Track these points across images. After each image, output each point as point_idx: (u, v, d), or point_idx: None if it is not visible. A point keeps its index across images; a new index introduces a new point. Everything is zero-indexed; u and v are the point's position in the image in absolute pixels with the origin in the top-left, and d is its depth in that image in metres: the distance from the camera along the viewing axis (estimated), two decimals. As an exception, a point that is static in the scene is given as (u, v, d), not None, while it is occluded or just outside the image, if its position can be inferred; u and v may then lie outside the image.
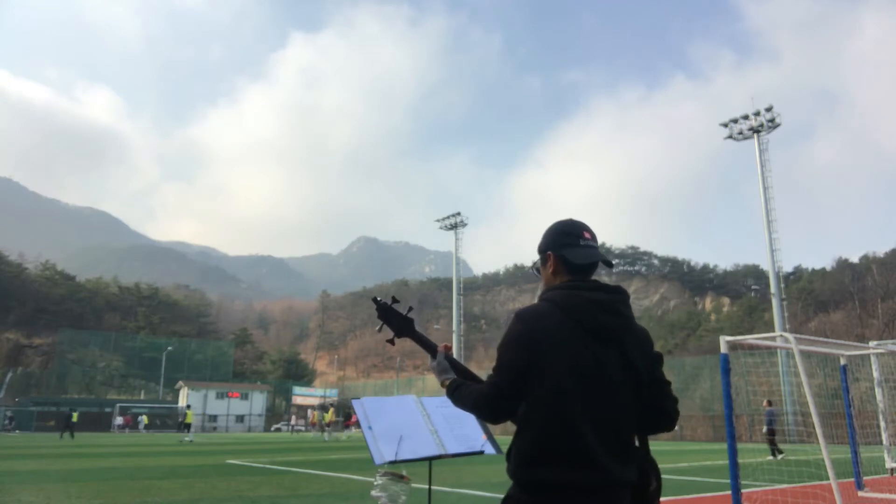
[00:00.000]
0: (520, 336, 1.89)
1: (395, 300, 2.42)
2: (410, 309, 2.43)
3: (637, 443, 1.96)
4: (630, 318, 1.98)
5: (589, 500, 1.77)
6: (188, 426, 34.57)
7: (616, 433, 1.84)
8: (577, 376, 1.83)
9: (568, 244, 2.03)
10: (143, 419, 56.86)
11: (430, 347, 2.29)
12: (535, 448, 1.82)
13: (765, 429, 20.20)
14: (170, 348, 73.68)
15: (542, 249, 2.10)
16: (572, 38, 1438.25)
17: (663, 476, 2.05)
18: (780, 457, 18.13)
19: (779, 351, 33.53)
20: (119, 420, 55.99)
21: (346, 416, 50.74)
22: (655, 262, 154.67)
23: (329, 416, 36.20)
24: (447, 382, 2.15)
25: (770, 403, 20.64)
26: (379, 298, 2.41)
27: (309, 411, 37.27)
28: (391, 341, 2.44)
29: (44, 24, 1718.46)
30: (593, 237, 2.07)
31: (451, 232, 63.47)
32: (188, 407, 39.28)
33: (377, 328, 2.44)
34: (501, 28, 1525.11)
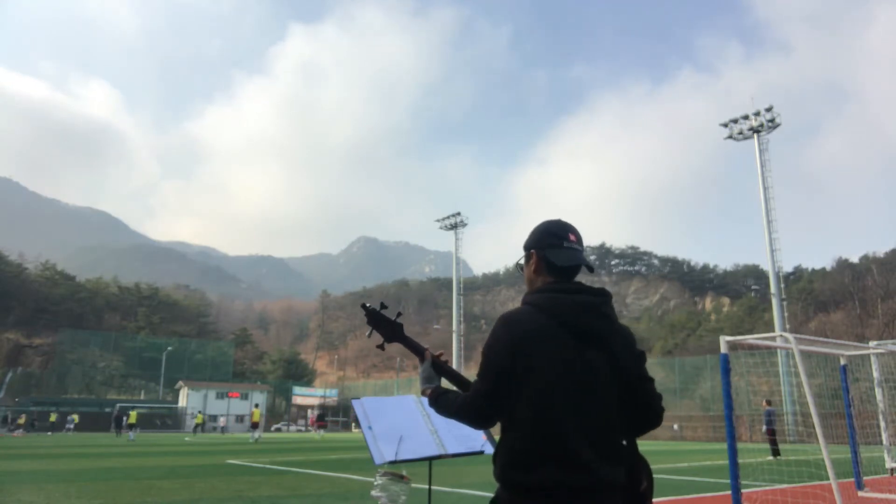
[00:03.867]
0: (503, 340, 1.89)
1: (383, 306, 2.43)
2: (399, 314, 2.43)
3: (626, 443, 1.96)
4: (614, 320, 1.98)
5: (576, 501, 1.77)
6: (132, 426, 35.58)
7: (603, 434, 1.84)
8: (562, 379, 1.84)
9: (552, 245, 2.04)
10: (74, 418, 51.26)
11: (418, 352, 2.29)
12: (521, 450, 1.82)
13: (764, 428, 20.27)
14: (170, 348, 73.72)
15: (527, 247, 2.10)
16: (579, 30, 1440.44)
17: (663, 476, 2.06)
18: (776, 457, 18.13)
19: (779, 351, 33.54)
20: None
21: (319, 416, 50.59)
22: (655, 262, 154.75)
23: (255, 415, 36.33)
24: (428, 392, 2.16)
25: (769, 403, 20.69)
26: (368, 304, 2.42)
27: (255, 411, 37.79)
28: (381, 346, 2.45)
29: (37, 16, 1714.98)
30: (579, 240, 2.07)
31: (451, 232, 63.54)
32: (133, 408, 39.63)
33: (367, 334, 2.46)
34: (510, 21, 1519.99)
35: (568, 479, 1.76)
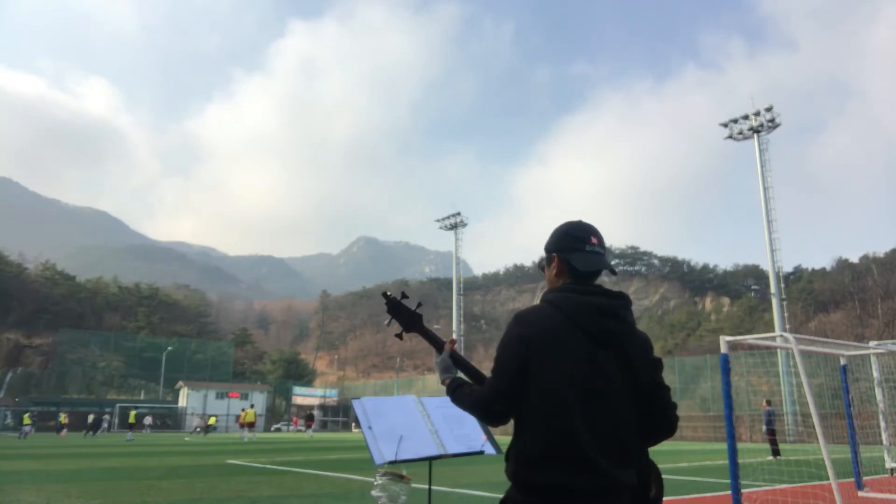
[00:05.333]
0: (518, 338, 1.89)
1: (404, 295, 2.46)
2: (419, 304, 2.47)
3: (637, 447, 1.95)
4: (631, 324, 1.98)
5: (585, 503, 1.77)
6: (132, 426, 36.73)
7: (614, 437, 1.84)
8: (575, 379, 1.83)
9: (574, 248, 2.02)
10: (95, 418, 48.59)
11: (436, 343, 2.31)
12: (533, 450, 1.82)
13: (764, 428, 20.28)
14: (170, 348, 73.65)
15: (548, 250, 2.09)
16: (582, 27, 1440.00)
17: (664, 476, 2.05)
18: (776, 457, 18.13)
19: (779, 351, 33.56)
20: (147, 421, 49.80)
21: (308, 416, 50.58)
22: (655, 262, 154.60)
23: (249, 416, 36.40)
24: (447, 382, 2.16)
25: (769, 403, 20.68)
26: (389, 293, 2.44)
27: (241, 410, 38.06)
28: (399, 335, 2.47)
29: (35, 13, 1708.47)
30: (601, 242, 2.06)
31: (451, 232, 63.53)
32: (133, 409, 40.22)
33: (386, 322, 2.47)
34: (512, 18, 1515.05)
35: (577, 480, 1.76)
